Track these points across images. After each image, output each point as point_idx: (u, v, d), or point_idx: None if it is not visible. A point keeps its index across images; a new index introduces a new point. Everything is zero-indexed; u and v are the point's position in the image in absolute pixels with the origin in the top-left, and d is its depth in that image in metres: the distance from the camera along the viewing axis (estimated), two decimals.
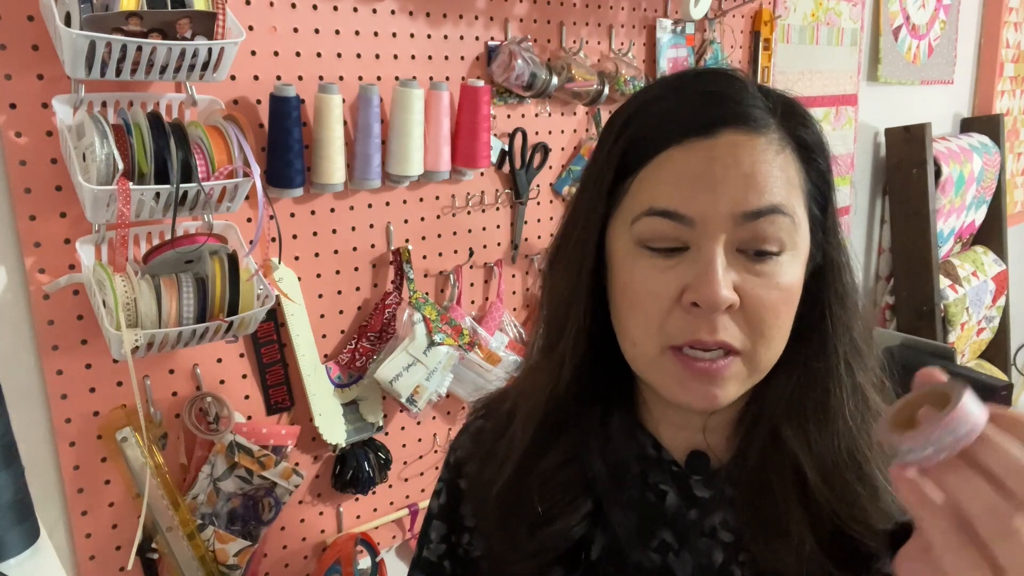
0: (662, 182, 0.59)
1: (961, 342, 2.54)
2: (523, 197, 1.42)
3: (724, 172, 0.57)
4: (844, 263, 0.64)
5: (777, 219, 0.57)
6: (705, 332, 0.58)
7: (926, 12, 2.43)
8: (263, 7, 1.08)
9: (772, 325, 0.59)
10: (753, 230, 0.57)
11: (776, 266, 0.58)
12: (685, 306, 0.58)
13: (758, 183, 0.57)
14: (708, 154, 0.58)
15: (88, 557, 1.04)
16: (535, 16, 1.39)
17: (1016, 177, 3.02)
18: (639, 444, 0.69)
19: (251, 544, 1.12)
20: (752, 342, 0.59)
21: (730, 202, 0.57)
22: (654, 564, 0.65)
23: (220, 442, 1.09)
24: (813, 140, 0.62)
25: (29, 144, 0.92)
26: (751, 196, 0.57)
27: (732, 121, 0.58)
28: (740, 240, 0.58)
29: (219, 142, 0.97)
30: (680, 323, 0.58)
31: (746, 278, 0.58)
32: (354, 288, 1.25)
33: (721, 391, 0.59)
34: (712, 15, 1.65)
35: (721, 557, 0.64)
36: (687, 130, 0.59)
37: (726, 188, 0.57)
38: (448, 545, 0.76)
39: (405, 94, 1.19)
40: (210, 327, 0.96)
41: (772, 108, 0.61)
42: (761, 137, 0.58)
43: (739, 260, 0.58)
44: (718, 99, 0.60)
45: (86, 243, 0.96)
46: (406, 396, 1.25)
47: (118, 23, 0.85)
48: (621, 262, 0.62)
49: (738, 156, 0.58)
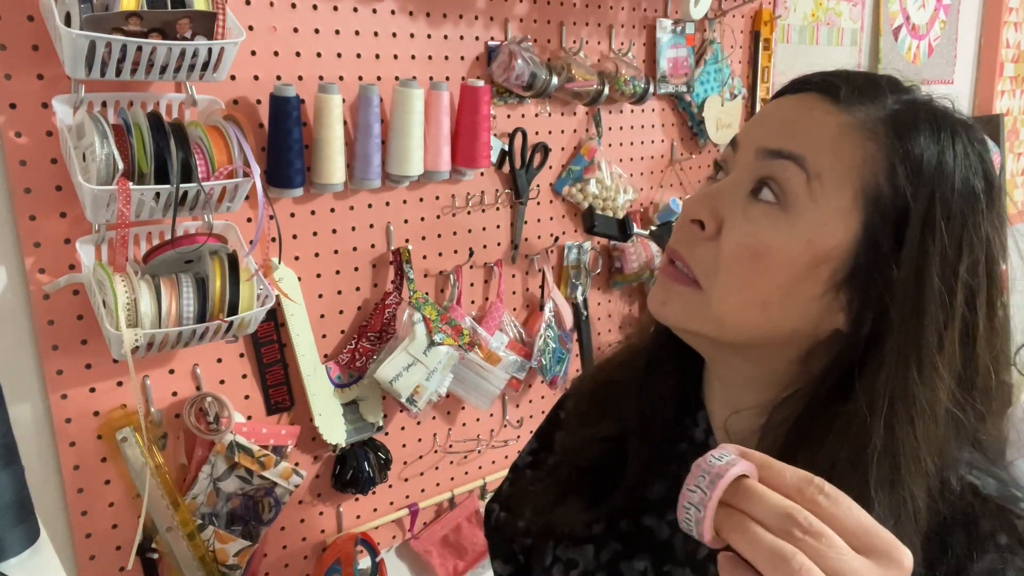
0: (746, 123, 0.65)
1: None
2: (523, 197, 1.42)
3: (776, 113, 0.61)
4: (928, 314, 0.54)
5: (788, 167, 0.57)
6: (677, 242, 0.62)
7: (926, 12, 2.43)
8: (263, 7, 1.08)
9: (736, 272, 0.57)
10: (767, 169, 0.58)
11: (767, 218, 0.57)
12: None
13: (791, 130, 0.58)
14: (780, 102, 0.62)
15: (88, 557, 1.04)
16: (535, 16, 1.39)
17: (1016, 177, 3.02)
18: (695, 423, 0.71)
19: (251, 544, 1.12)
20: (711, 279, 0.59)
21: (760, 136, 0.60)
22: (662, 535, 0.68)
23: (220, 442, 1.09)
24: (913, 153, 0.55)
25: (29, 144, 0.92)
26: (776, 135, 0.59)
27: (819, 88, 0.60)
28: (756, 178, 0.59)
29: (219, 142, 0.97)
30: (676, 235, 0.63)
31: (736, 214, 0.59)
32: (354, 288, 1.25)
33: (668, 300, 0.62)
34: (712, 15, 1.65)
35: (705, 552, 0.66)
36: (787, 88, 0.63)
37: (766, 124, 0.61)
38: (534, 458, 0.86)
39: (405, 94, 1.19)
40: (210, 327, 0.96)
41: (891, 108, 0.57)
42: (833, 106, 0.58)
43: (745, 200, 0.59)
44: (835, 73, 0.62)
45: (86, 243, 0.96)
46: (406, 396, 1.25)
47: (118, 23, 0.85)
48: None
49: (795, 106, 0.60)
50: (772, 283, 0.57)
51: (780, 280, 0.57)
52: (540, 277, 1.49)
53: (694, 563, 0.66)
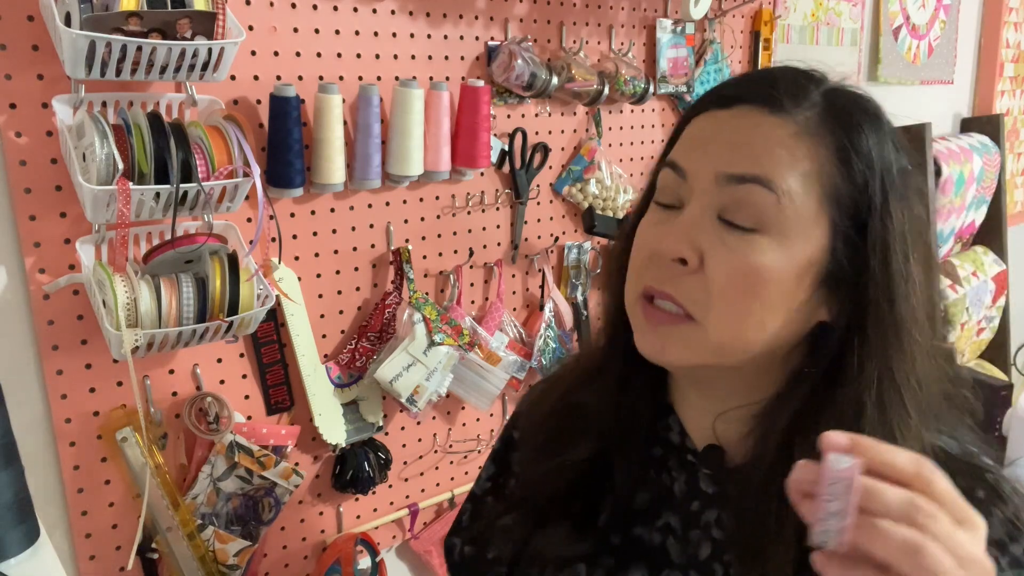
0: (679, 143, 0.64)
1: (961, 342, 2.54)
2: (523, 197, 1.42)
3: (720, 134, 0.60)
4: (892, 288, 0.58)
5: (756, 191, 0.57)
6: (659, 281, 0.60)
7: (926, 12, 2.43)
8: (263, 7, 1.08)
9: (731, 300, 0.57)
10: (733, 195, 0.58)
11: (749, 244, 0.57)
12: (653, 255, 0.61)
13: (748, 150, 0.58)
14: (716, 120, 0.61)
15: (88, 557, 1.04)
16: (535, 16, 1.39)
17: (1016, 177, 3.02)
18: (666, 428, 0.71)
19: (251, 544, 1.12)
20: (705, 310, 0.58)
21: (715, 160, 0.59)
22: (654, 542, 0.67)
23: (220, 442, 1.09)
24: (861, 148, 0.59)
25: (29, 144, 0.92)
26: (736, 159, 0.58)
27: (750, 99, 0.60)
28: (722, 205, 0.58)
29: (219, 142, 0.97)
30: (648, 271, 0.61)
31: (715, 244, 0.58)
32: (354, 288, 1.25)
33: (667, 346, 0.61)
34: (712, 15, 1.65)
35: (708, 552, 0.65)
36: (711, 103, 0.62)
37: (717, 147, 0.59)
38: (493, 484, 0.83)
39: (405, 94, 1.19)
40: (210, 327, 0.96)
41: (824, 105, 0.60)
42: (775, 117, 0.59)
43: (718, 228, 0.59)
44: (756, 82, 0.62)
45: (86, 243, 0.96)
46: (406, 396, 1.25)
47: (118, 23, 0.85)
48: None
49: (739, 124, 0.59)
50: (766, 303, 0.58)
51: (773, 298, 0.58)
52: (540, 277, 1.49)
53: (697, 564, 0.65)
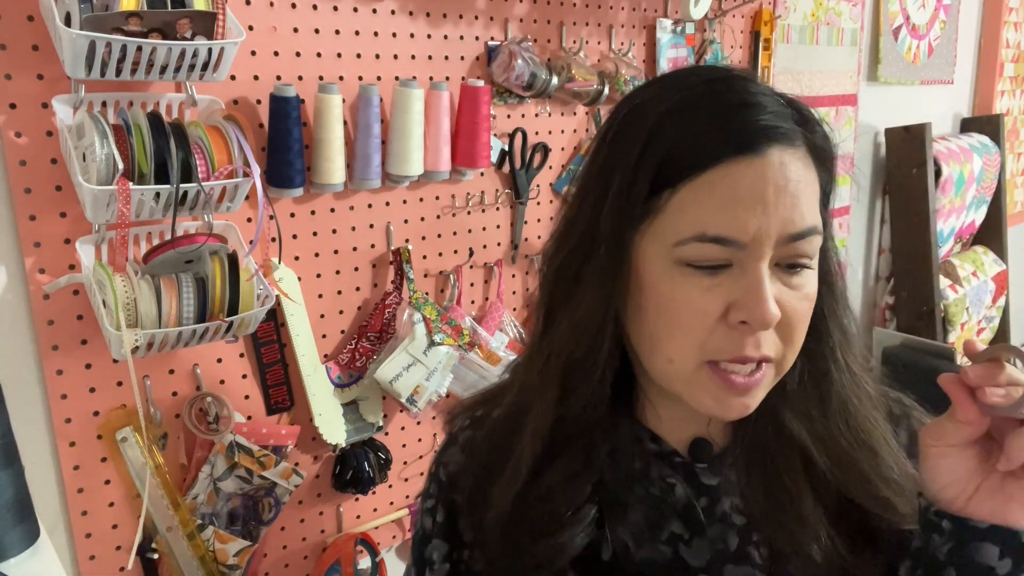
0: (713, 205, 0.57)
1: (961, 342, 2.54)
2: (523, 197, 1.42)
3: (776, 195, 0.56)
4: (830, 251, 0.65)
5: (815, 239, 0.59)
6: (751, 348, 0.58)
7: (926, 12, 2.43)
8: (263, 7, 1.08)
9: (801, 332, 0.60)
10: (795, 249, 0.58)
11: (806, 277, 0.60)
12: (732, 324, 0.57)
13: (802, 204, 0.57)
14: (760, 175, 0.56)
15: (88, 557, 1.04)
16: (535, 16, 1.39)
17: (1016, 177, 3.02)
18: (637, 439, 0.69)
19: (251, 544, 1.12)
20: (784, 350, 0.60)
21: (779, 224, 0.57)
22: (666, 557, 0.66)
23: (220, 442, 1.09)
24: (826, 145, 0.62)
25: (29, 144, 0.92)
26: (796, 218, 0.57)
27: (777, 138, 0.57)
28: (780, 257, 0.58)
29: (219, 142, 0.97)
30: (723, 340, 0.58)
31: (783, 291, 0.58)
32: (354, 288, 1.25)
33: (753, 400, 0.61)
34: (712, 15, 1.65)
35: (736, 541, 0.65)
36: (736, 148, 0.56)
37: (777, 211, 0.56)
38: (451, 564, 0.73)
39: (405, 94, 1.19)
40: (210, 327, 0.96)
41: (795, 118, 0.60)
42: (799, 151, 0.59)
43: (776, 274, 0.59)
44: (756, 111, 0.58)
45: (86, 243, 0.96)
46: (406, 396, 1.25)
47: (118, 23, 0.85)
48: (658, 279, 0.59)
49: (787, 176, 0.57)
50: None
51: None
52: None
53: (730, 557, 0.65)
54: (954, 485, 0.57)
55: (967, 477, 0.56)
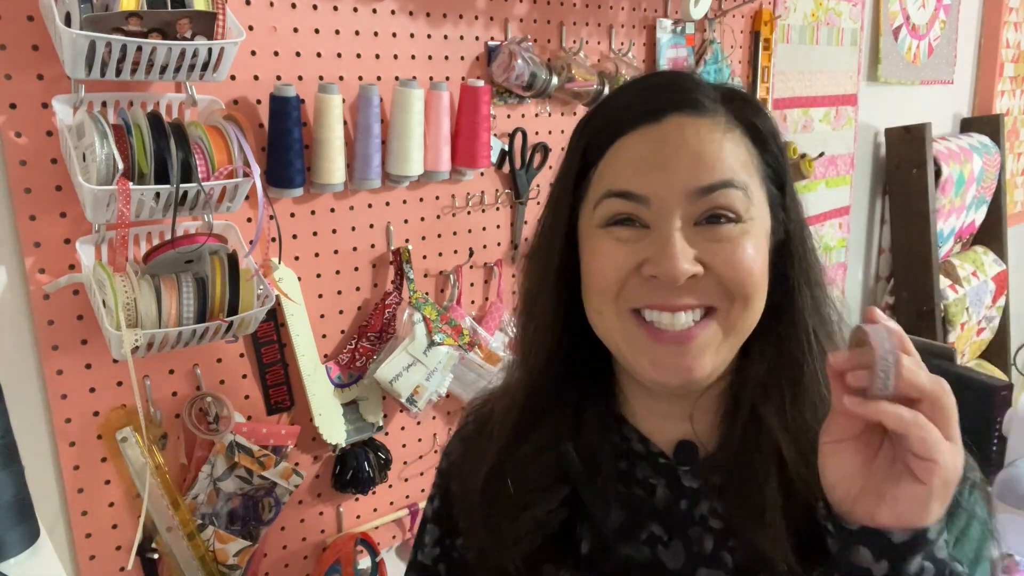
0: (617, 168, 0.63)
1: (961, 342, 2.54)
2: (523, 197, 1.42)
3: (673, 152, 0.61)
4: (806, 239, 0.67)
5: (730, 192, 0.61)
6: (666, 297, 0.60)
7: (926, 12, 2.43)
8: (263, 7, 1.08)
9: (747, 284, 0.61)
10: (708, 203, 0.60)
11: (736, 231, 0.61)
12: (645, 277, 0.61)
13: (706, 160, 0.61)
14: (657, 136, 0.62)
15: (88, 557, 1.04)
16: (535, 16, 1.39)
17: (1016, 177, 3.02)
18: (625, 439, 0.70)
19: (251, 544, 1.12)
20: (728, 301, 0.61)
21: (682, 179, 0.60)
22: (644, 557, 0.66)
23: (220, 442, 1.09)
24: (765, 127, 0.65)
25: (29, 144, 0.92)
26: (701, 173, 0.60)
27: (678, 106, 0.62)
28: (697, 214, 0.61)
29: (219, 142, 0.97)
30: (638, 289, 0.61)
31: (707, 246, 0.60)
32: (354, 288, 1.25)
33: (695, 362, 0.61)
34: (712, 15, 1.65)
35: (711, 544, 0.65)
36: (637, 118, 0.63)
37: (676, 166, 0.61)
38: (442, 548, 0.77)
39: (405, 94, 1.19)
40: (210, 327, 0.96)
41: (722, 97, 0.64)
42: (706, 119, 0.62)
43: (699, 232, 0.61)
44: (665, 89, 0.64)
45: (86, 243, 0.96)
46: (406, 396, 1.25)
47: (118, 23, 0.85)
48: (585, 244, 0.65)
49: (684, 136, 0.61)
50: (761, 281, 0.63)
51: (762, 274, 0.63)
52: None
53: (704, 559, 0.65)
54: (842, 483, 0.56)
55: (853, 475, 0.55)
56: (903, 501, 0.53)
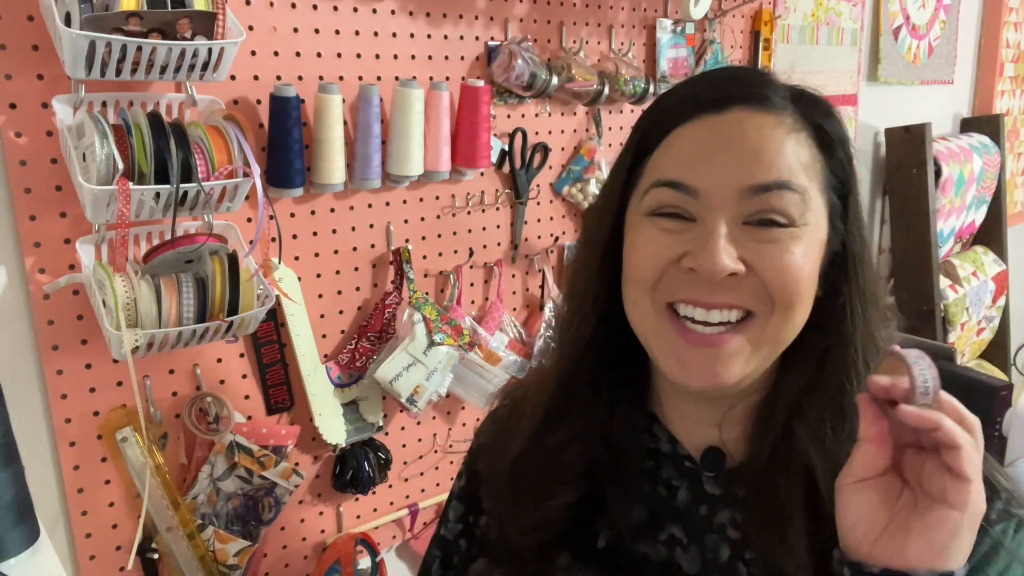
0: (671, 156, 0.61)
1: (961, 342, 2.54)
2: (523, 197, 1.42)
3: (728, 145, 0.59)
4: (866, 256, 0.64)
5: (785, 194, 0.58)
6: (703, 293, 0.59)
7: (926, 12, 2.43)
8: (263, 7, 1.08)
9: (791, 292, 0.58)
10: (760, 203, 0.58)
11: (787, 236, 0.58)
12: (684, 270, 0.59)
13: (765, 158, 0.58)
14: (716, 127, 0.60)
15: (88, 557, 1.04)
16: (535, 16, 1.39)
17: (1016, 177, 3.02)
18: (654, 437, 0.69)
19: (251, 544, 1.12)
20: (768, 307, 0.59)
21: (735, 175, 0.58)
22: (661, 557, 0.66)
23: (220, 442, 1.09)
24: (835, 132, 0.62)
25: (29, 144, 0.92)
26: (757, 170, 0.58)
27: (743, 99, 0.60)
28: (747, 213, 0.58)
29: (219, 142, 0.97)
30: (676, 282, 0.60)
31: (754, 247, 0.58)
32: (354, 288, 1.25)
33: (723, 368, 0.59)
34: (712, 15, 1.65)
35: (728, 554, 0.64)
36: (698, 108, 0.61)
37: (731, 160, 0.58)
38: (465, 525, 0.78)
39: (405, 94, 1.19)
40: (210, 327, 0.96)
41: (792, 95, 0.62)
42: (771, 116, 0.60)
43: (747, 232, 0.58)
44: (732, 81, 0.62)
45: (86, 243, 0.96)
46: (406, 396, 1.25)
47: (118, 23, 0.85)
48: (629, 232, 0.64)
49: (744, 130, 0.59)
50: (807, 289, 0.60)
51: (809, 283, 0.60)
52: (540, 277, 1.49)
53: (719, 568, 0.64)
54: (864, 521, 0.53)
55: (876, 513, 0.53)
56: (935, 530, 0.51)
